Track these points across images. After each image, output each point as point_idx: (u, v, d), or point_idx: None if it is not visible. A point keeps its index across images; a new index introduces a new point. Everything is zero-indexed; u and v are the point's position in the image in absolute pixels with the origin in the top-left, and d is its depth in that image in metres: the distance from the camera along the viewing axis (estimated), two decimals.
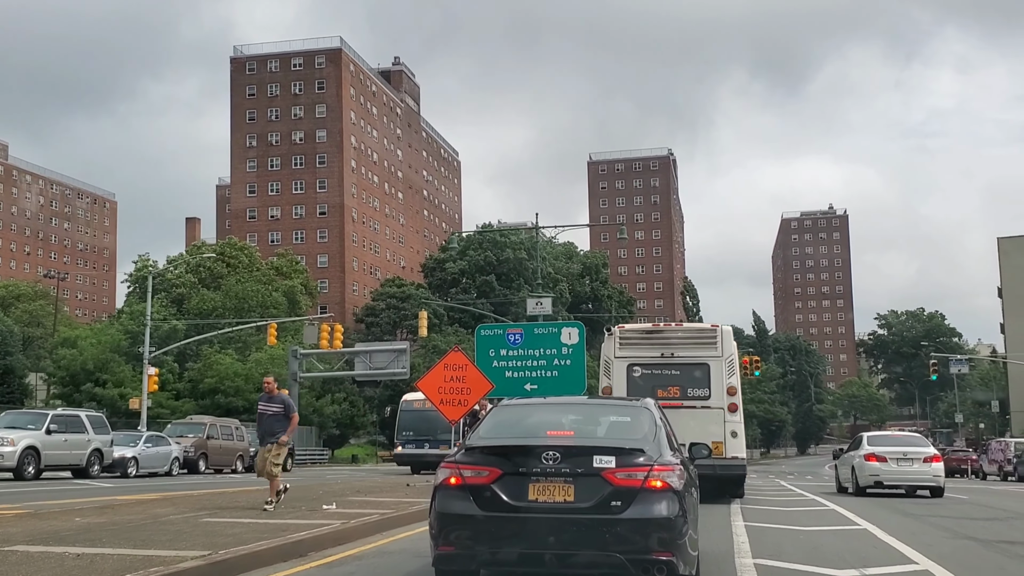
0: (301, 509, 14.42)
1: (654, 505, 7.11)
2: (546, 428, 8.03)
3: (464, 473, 7.37)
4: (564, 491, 7.17)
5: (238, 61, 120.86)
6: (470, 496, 7.27)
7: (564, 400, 11.00)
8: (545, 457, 7.23)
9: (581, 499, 7.14)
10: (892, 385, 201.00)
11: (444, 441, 36.99)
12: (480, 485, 7.28)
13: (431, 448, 38.52)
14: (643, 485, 7.14)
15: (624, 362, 21.19)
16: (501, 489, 7.21)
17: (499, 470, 7.28)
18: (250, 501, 16.33)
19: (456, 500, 7.32)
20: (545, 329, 28.34)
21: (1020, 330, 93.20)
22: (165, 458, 35.69)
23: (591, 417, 8.89)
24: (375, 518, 12.99)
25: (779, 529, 14.26)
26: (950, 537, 13.55)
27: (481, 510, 7.21)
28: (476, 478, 7.31)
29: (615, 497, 7.10)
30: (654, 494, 7.14)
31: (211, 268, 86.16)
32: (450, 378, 23.99)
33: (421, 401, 39.86)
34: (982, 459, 54.88)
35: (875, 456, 25.13)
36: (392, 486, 21.86)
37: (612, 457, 7.24)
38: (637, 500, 7.10)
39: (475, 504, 7.24)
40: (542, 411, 9.07)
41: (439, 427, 38.09)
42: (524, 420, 8.55)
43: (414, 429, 40.46)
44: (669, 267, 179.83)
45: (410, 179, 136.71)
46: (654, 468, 7.24)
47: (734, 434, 20.52)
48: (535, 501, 7.17)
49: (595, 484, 7.15)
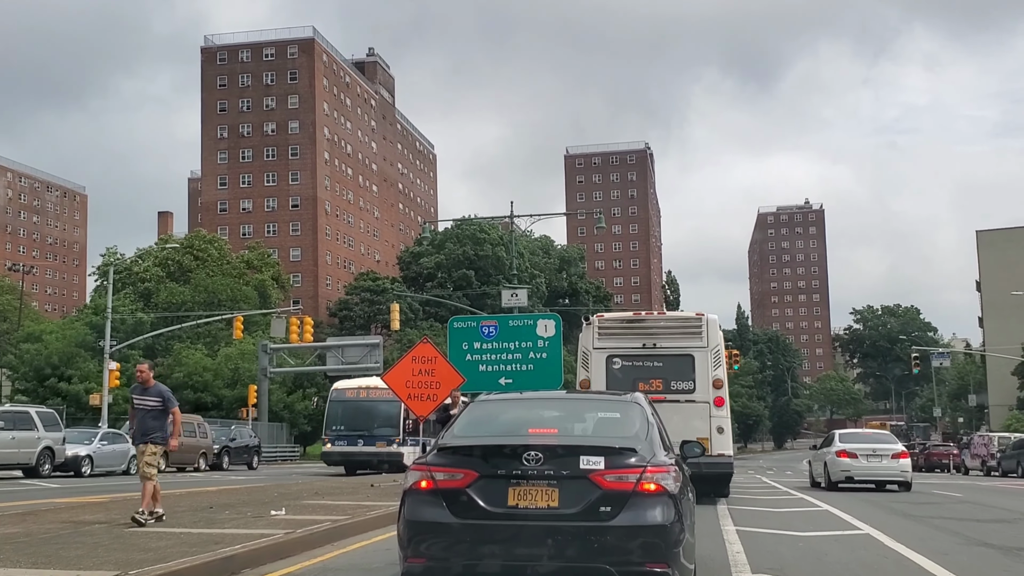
0: (246, 516, 13.00)
1: (647, 511, 6.48)
2: (527, 426, 7.41)
3: (436, 476, 6.72)
4: (547, 495, 6.54)
5: (209, 51, 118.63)
6: (443, 501, 6.62)
7: (546, 395, 10.03)
8: (526, 458, 6.58)
9: (566, 504, 6.49)
10: (868, 380, 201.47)
11: (383, 437, 34.86)
12: (454, 489, 6.63)
13: (366, 445, 35.05)
14: (635, 488, 6.51)
15: (603, 353, 19.83)
16: (477, 494, 6.58)
17: (475, 472, 6.64)
18: (194, 504, 14.91)
19: (427, 506, 6.67)
20: (520, 321, 27.11)
21: (998, 324, 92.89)
22: (122, 456, 34.10)
23: (576, 413, 8.17)
24: (326, 526, 11.57)
25: (774, 535, 12.97)
26: (963, 543, 12.29)
27: (455, 517, 6.57)
28: (450, 481, 6.68)
29: (604, 502, 6.47)
30: (647, 498, 6.51)
31: (180, 261, 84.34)
32: (418, 371, 22.56)
33: (355, 389, 37.18)
34: (964, 454, 54.10)
35: (846, 452, 26.48)
36: (355, 487, 20.45)
37: (600, 457, 6.60)
38: (628, 505, 6.47)
39: (448, 510, 6.59)
40: (522, 407, 8.35)
41: (376, 419, 35.73)
42: (503, 417, 7.86)
43: (346, 423, 36.16)
44: (646, 262, 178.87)
45: (385, 172, 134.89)
46: (647, 469, 6.60)
47: (720, 430, 19.24)
48: (515, 507, 6.54)
49: (582, 487, 6.52)
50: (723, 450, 19.00)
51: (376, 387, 35.12)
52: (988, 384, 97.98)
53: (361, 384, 37.88)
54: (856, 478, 26.20)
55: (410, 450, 34.35)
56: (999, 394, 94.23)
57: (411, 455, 33.19)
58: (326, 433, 36.94)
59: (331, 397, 38.10)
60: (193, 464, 39.02)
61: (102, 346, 51.46)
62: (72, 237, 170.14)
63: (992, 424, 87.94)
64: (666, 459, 6.96)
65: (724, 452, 19.05)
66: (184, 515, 13.11)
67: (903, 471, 26.21)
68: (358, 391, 36.99)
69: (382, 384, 34.01)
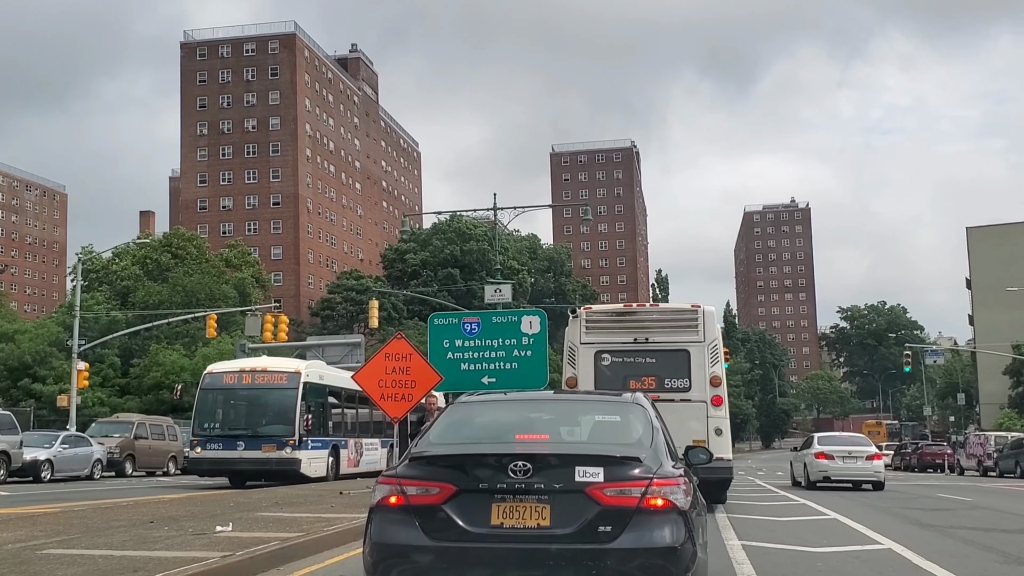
0: (186, 532, 11.41)
1: (654, 531, 5.63)
2: (514, 431, 6.53)
3: (408, 491, 5.86)
4: (537, 513, 5.70)
5: (188, 46, 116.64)
6: (416, 520, 5.77)
7: (535, 395, 8.97)
8: (513, 469, 5.74)
9: (559, 523, 5.66)
10: (854, 378, 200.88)
11: (271, 438, 25.95)
12: (429, 506, 5.79)
13: (249, 449, 25.75)
14: (640, 504, 5.67)
15: (591, 348, 18.29)
16: (456, 511, 5.74)
17: (453, 486, 5.79)
18: (137, 517, 13.32)
19: (397, 526, 5.80)
20: (504, 318, 25.80)
21: (989, 321, 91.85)
22: (85, 460, 32.42)
23: (570, 416, 7.21)
24: (273, 547, 10.00)
25: (787, 552, 11.47)
26: (1002, 562, 10.82)
27: (430, 539, 5.72)
28: (423, 497, 5.81)
29: (604, 520, 5.64)
30: (654, 516, 5.67)
31: (158, 260, 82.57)
32: (392, 370, 21.02)
33: (235, 373, 27.39)
34: (959, 453, 52.96)
35: (824, 454, 28.36)
36: (321, 495, 18.84)
37: (599, 468, 5.75)
38: (632, 524, 5.63)
39: (422, 531, 5.75)
40: (508, 409, 7.38)
41: (264, 414, 26.86)
42: (486, 421, 6.92)
43: (223, 419, 26.85)
44: (633, 260, 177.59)
45: (368, 169, 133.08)
46: (653, 482, 5.75)
47: (719, 431, 17.76)
48: (500, 526, 5.71)
49: (577, 503, 5.68)
50: (722, 453, 17.44)
51: (266, 370, 27.10)
52: (979, 382, 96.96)
53: (245, 366, 27.98)
54: (833, 478, 28.07)
55: (311, 455, 26.58)
56: (989, 392, 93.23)
57: (313, 461, 26.74)
58: (195, 433, 27.17)
59: (203, 383, 27.54)
60: (162, 468, 37.38)
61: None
62: (52, 236, 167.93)
63: (983, 423, 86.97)
64: (674, 470, 6.05)
65: (723, 456, 17.49)
66: (116, 532, 11.52)
67: (876, 472, 28.09)
68: (240, 375, 27.18)
69: (274, 365, 27.64)
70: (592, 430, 6.84)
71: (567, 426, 6.98)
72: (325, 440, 27.95)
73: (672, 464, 6.19)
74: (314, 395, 27.40)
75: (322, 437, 27.75)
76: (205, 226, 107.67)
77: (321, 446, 27.49)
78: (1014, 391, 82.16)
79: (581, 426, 6.96)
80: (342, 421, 30.14)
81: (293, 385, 26.32)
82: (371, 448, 31.83)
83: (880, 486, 27.61)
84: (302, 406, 26.21)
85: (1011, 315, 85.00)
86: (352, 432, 30.65)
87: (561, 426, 6.95)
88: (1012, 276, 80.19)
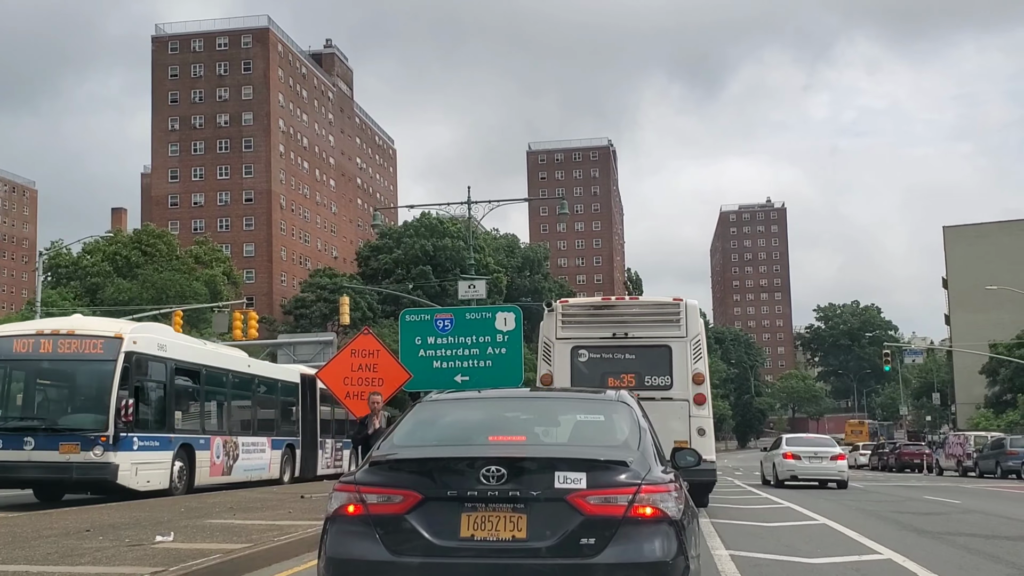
0: (122, 543, 10.35)
1: (643, 543, 5.12)
2: (487, 432, 5.99)
3: (368, 499, 5.31)
4: (512, 524, 5.16)
5: (160, 40, 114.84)
6: (376, 532, 5.22)
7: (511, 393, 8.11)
8: (485, 475, 5.21)
9: (537, 535, 5.13)
10: (829, 378, 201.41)
11: (72, 433, 18.03)
12: (391, 516, 5.23)
13: (40, 449, 17.91)
14: (627, 514, 5.16)
15: (568, 344, 17.33)
16: (421, 522, 5.18)
17: (418, 494, 5.24)
18: (73, 525, 12.23)
19: (356, 538, 5.24)
20: (478, 314, 24.96)
21: (965, 321, 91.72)
22: None
23: (550, 416, 6.57)
24: (214, 560, 8.97)
25: (780, 563, 10.56)
26: (1016, 573, 9.94)
27: (392, 553, 5.16)
28: (385, 506, 5.26)
29: (587, 532, 5.11)
30: (643, 527, 5.16)
31: (127, 256, 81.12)
32: (358, 366, 20.04)
33: (28, 339, 19.24)
34: (938, 453, 52.46)
35: (792, 454, 30.24)
36: (281, 500, 17.77)
37: (582, 474, 5.22)
38: (619, 536, 5.11)
39: (383, 544, 5.19)
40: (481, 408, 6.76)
41: (66, 398, 19.62)
42: (455, 421, 6.35)
43: (6, 404, 19.06)
44: (609, 259, 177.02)
45: (343, 166, 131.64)
46: (642, 489, 5.23)
47: (701, 431, 16.86)
48: (470, 539, 5.16)
49: (557, 513, 5.15)
50: (705, 455, 16.51)
51: (73, 333, 19.13)
52: (955, 382, 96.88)
53: (45, 328, 19.82)
54: (800, 477, 29.97)
55: (139, 458, 18.79)
56: (964, 392, 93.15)
57: (143, 468, 18.96)
58: None
59: None
60: None
61: None
62: (21, 233, 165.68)
63: (958, 423, 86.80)
64: (664, 475, 5.53)
65: (706, 457, 16.59)
66: (44, 542, 10.45)
67: (840, 471, 29.97)
68: (37, 341, 19.12)
69: (87, 326, 19.79)
70: (573, 431, 6.29)
71: (546, 427, 6.43)
72: (167, 437, 20.20)
73: (661, 469, 5.63)
74: (147, 372, 19.69)
75: (163, 433, 20.08)
76: (176, 222, 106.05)
77: (160, 446, 19.82)
78: (990, 391, 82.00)
79: (561, 427, 6.40)
80: (202, 411, 22.49)
81: (110, 356, 18.39)
82: (253, 449, 24.80)
83: (844, 484, 29.33)
84: (124, 386, 18.34)
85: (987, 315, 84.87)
86: (219, 427, 23.21)
87: (539, 427, 6.37)
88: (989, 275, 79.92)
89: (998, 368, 78.24)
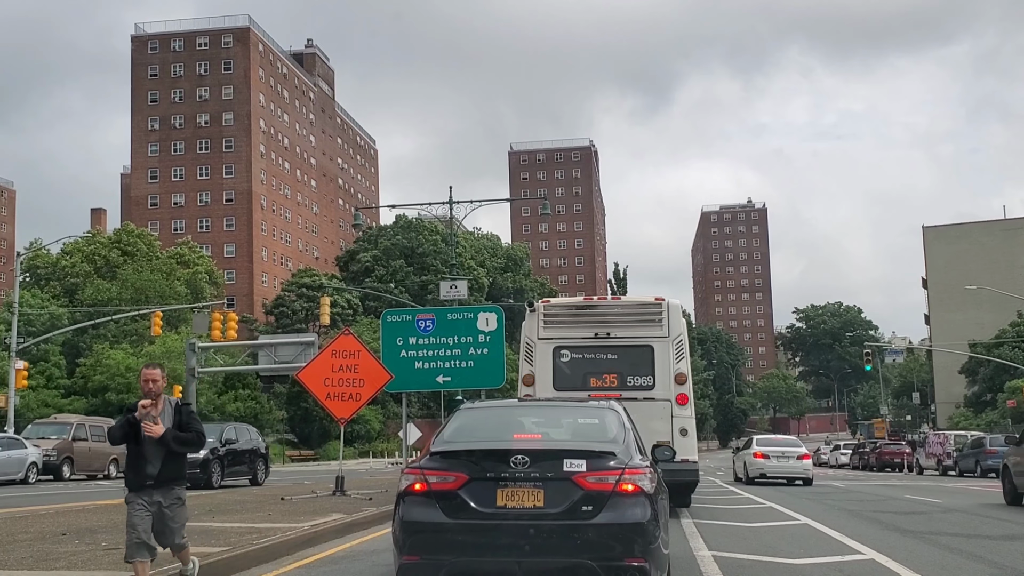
0: (98, 547, 10.20)
1: (626, 510, 6.89)
2: (512, 431, 7.85)
3: (429, 479, 7.13)
4: (533, 496, 6.94)
5: (139, 39, 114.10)
6: (436, 503, 7.03)
7: (528, 404, 10.89)
8: (514, 461, 7.02)
9: (551, 504, 6.91)
10: (809, 378, 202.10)
11: None
12: (446, 491, 7.04)
13: None
14: (614, 489, 6.93)
15: (550, 344, 17.23)
16: (468, 495, 6.99)
17: (466, 475, 7.06)
18: (49, 528, 12.07)
19: (421, 507, 7.07)
20: (460, 314, 24.83)
21: (945, 320, 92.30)
22: (19, 464, 30.84)
23: (557, 419, 8.60)
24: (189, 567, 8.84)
25: (762, 564, 10.52)
26: (998, 573, 9.92)
27: (448, 517, 6.97)
28: (442, 484, 7.08)
29: (586, 502, 6.89)
30: (626, 498, 6.92)
31: (107, 257, 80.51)
32: (339, 367, 19.95)
33: None
34: (918, 452, 52.66)
35: (761, 454, 32.44)
36: (262, 501, 17.62)
37: (582, 460, 7.04)
38: (608, 505, 6.88)
39: (441, 511, 7.00)
40: (506, 414, 8.89)
41: None
42: (489, 423, 8.30)
43: None
44: (591, 259, 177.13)
45: (324, 166, 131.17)
46: (625, 471, 7.02)
47: (684, 432, 16.80)
48: (504, 507, 6.94)
49: (565, 489, 6.94)
50: (687, 455, 16.53)
51: None
52: (935, 381, 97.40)
53: None
54: (768, 475, 31.86)
55: None
56: (944, 391, 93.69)
57: None
58: None
59: None
60: (103, 471, 35.86)
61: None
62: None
63: (938, 422, 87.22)
64: (642, 462, 7.33)
65: (688, 457, 16.57)
66: (19, 546, 10.29)
67: (806, 469, 32.02)
68: None
69: None
70: (575, 430, 8.11)
71: (555, 428, 8.27)
72: None
73: (640, 457, 7.45)
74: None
75: None
76: (156, 223, 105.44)
77: None
78: (970, 390, 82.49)
79: (566, 427, 8.24)
80: None
81: None
82: None
83: (809, 482, 31.44)
84: None
85: (967, 314, 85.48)
86: None
87: (550, 427, 8.23)
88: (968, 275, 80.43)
89: (977, 368, 78.74)
